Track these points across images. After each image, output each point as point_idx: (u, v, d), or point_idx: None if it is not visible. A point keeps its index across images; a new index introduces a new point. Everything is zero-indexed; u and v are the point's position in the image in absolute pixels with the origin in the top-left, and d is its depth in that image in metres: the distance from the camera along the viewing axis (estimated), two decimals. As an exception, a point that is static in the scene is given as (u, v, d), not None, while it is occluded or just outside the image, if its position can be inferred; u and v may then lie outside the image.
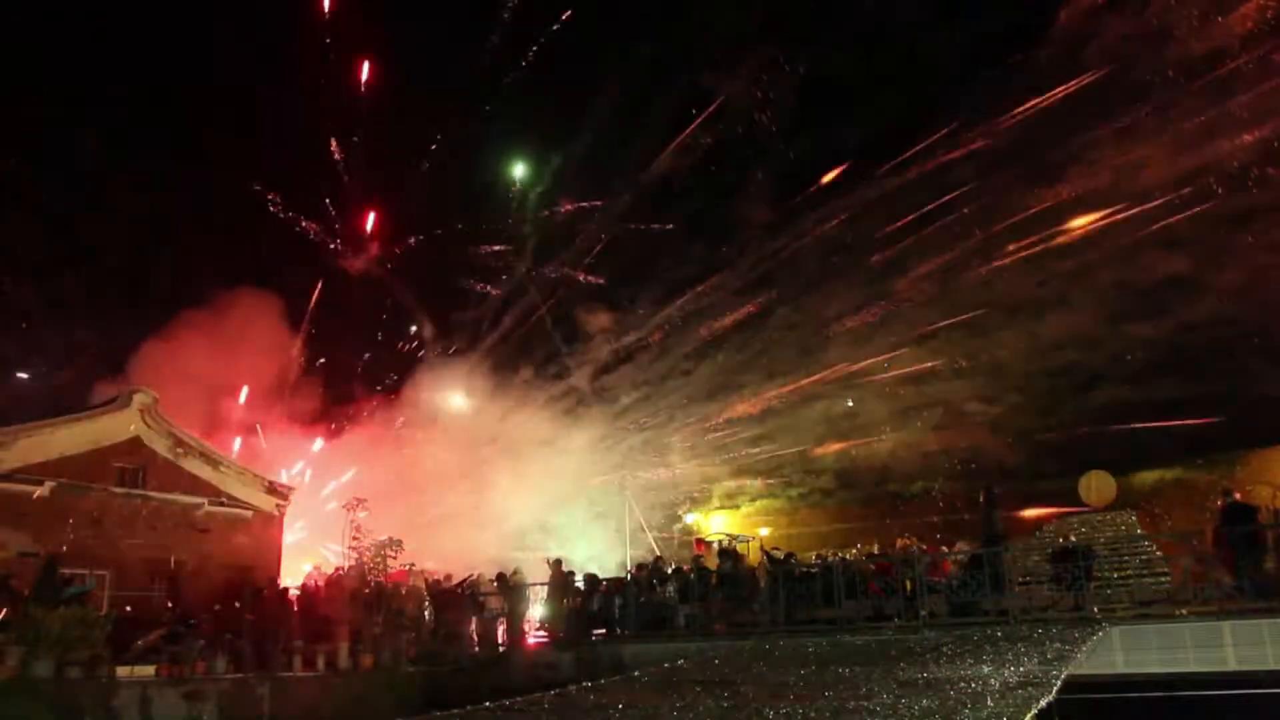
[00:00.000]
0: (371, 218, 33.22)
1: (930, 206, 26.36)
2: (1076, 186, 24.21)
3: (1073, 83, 23.25)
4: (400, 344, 34.11)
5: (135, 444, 19.62)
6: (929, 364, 27.34)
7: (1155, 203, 22.72)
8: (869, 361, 27.80)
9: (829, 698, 8.50)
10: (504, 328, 32.33)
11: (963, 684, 8.74)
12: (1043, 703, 7.92)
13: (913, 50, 27.31)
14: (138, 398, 19.95)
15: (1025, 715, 7.42)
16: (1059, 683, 8.73)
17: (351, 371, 33.29)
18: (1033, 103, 24.12)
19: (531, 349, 32.23)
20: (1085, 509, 24.32)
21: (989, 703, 7.84)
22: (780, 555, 17.64)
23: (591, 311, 31.44)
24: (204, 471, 20.67)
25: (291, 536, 23.17)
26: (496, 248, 32.73)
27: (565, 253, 32.29)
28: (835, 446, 28.78)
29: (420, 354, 33.34)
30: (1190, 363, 23.72)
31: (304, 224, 32.37)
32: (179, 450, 20.31)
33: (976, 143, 25.53)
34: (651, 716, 8.49)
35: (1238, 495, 14.33)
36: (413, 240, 33.27)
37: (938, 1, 28.74)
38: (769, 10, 27.54)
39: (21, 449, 17.70)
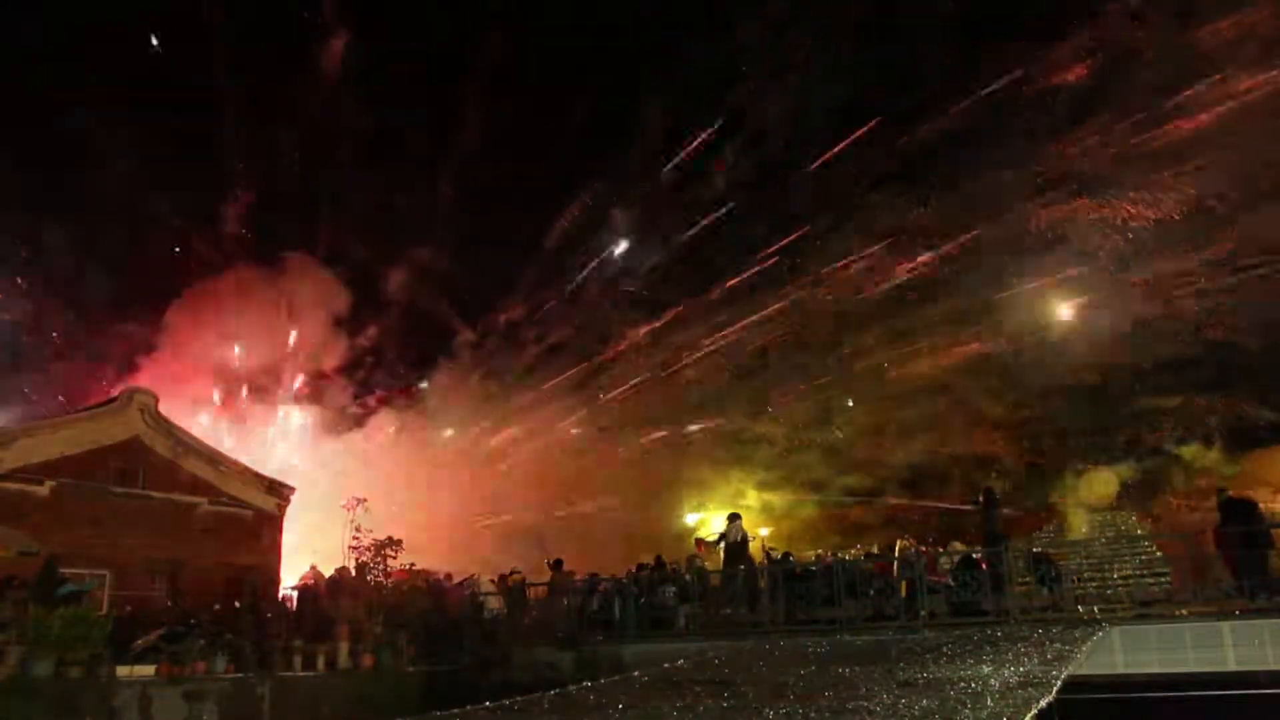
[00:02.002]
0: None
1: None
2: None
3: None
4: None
5: (135, 444, 19.61)
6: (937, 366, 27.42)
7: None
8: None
9: (829, 698, 8.50)
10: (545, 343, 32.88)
11: (963, 684, 8.74)
12: (1043, 703, 7.91)
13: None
14: (138, 398, 19.96)
15: (1025, 715, 7.42)
16: (1059, 683, 8.72)
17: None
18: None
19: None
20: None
21: (989, 703, 7.84)
22: (779, 555, 17.67)
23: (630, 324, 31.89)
24: (204, 471, 20.66)
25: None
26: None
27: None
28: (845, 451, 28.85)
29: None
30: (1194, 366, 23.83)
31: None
32: (179, 450, 20.31)
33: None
34: (651, 716, 8.49)
35: (1230, 492, 14.30)
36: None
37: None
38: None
39: (21, 449, 17.70)
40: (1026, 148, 24.97)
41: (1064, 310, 25.92)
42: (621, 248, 33.16)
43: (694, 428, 30.62)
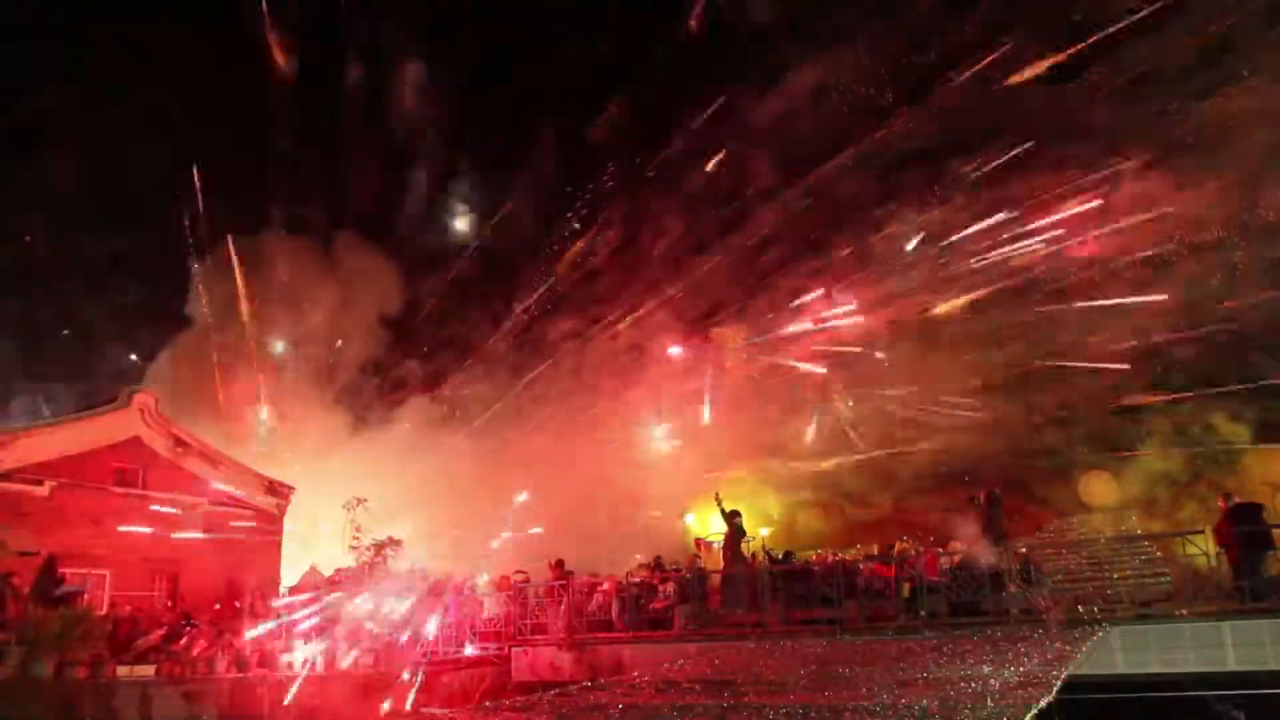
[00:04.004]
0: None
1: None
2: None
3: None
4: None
5: (135, 444, 19.62)
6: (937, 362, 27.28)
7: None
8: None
9: (829, 698, 8.49)
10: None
11: (963, 684, 8.73)
12: (1043, 703, 7.89)
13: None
14: (138, 398, 19.97)
15: (1025, 715, 7.40)
16: (1059, 683, 8.71)
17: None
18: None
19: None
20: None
21: (989, 703, 7.82)
22: (779, 555, 17.67)
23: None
24: (204, 471, 20.68)
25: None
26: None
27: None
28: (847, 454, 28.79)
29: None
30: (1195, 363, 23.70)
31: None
32: (179, 450, 20.32)
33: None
34: (651, 716, 8.48)
35: (1236, 498, 14.33)
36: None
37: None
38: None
39: (21, 449, 17.71)
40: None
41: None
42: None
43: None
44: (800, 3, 28.09)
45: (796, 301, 29.05)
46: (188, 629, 15.49)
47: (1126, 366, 23.97)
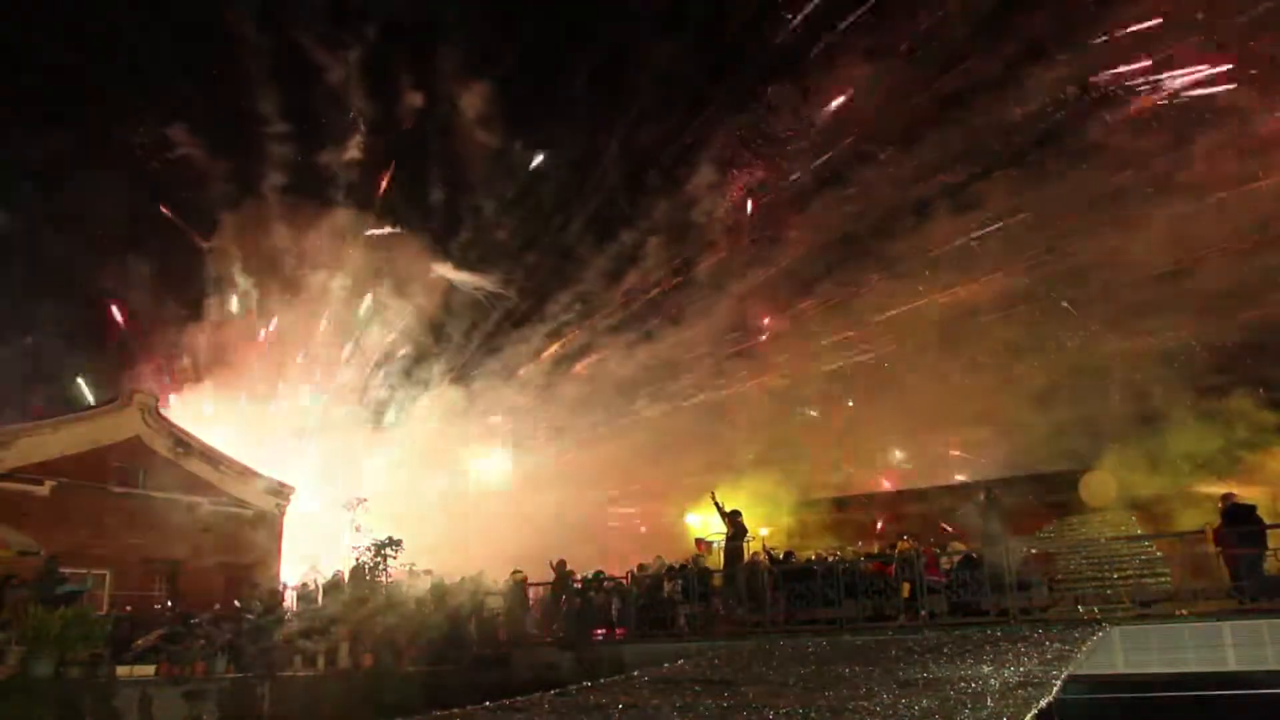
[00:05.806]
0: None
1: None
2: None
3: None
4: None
5: (135, 444, 19.63)
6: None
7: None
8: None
9: (829, 698, 8.49)
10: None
11: (963, 684, 8.73)
12: (1043, 703, 7.90)
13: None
14: (138, 398, 19.98)
15: (1025, 715, 7.41)
16: (1059, 683, 8.72)
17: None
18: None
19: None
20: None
21: (989, 703, 7.83)
22: (779, 555, 17.68)
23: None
24: (204, 471, 20.69)
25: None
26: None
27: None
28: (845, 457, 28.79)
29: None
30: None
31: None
32: (179, 450, 20.33)
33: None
34: (651, 716, 8.48)
35: (1235, 498, 14.33)
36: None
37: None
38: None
39: (21, 449, 17.72)
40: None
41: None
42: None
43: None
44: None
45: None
46: (188, 629, 15.48)
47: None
